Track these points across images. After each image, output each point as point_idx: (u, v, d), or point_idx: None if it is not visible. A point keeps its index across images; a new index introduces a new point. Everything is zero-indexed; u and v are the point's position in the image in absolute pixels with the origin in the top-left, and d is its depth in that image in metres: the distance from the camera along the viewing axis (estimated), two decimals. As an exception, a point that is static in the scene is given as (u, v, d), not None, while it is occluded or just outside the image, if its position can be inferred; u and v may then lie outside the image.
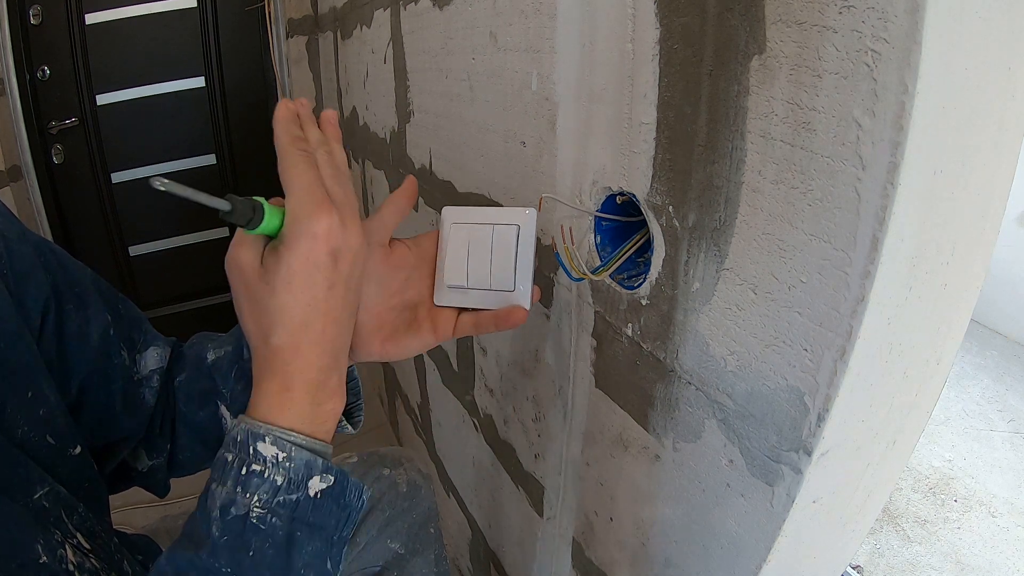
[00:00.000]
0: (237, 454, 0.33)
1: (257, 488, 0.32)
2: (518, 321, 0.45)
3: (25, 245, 0.41)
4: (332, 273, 0.36)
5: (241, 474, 0.32)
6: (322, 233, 0.35)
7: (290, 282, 0.35)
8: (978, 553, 1.40)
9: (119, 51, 1.68)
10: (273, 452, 0.33)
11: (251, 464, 0.32)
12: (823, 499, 0.36)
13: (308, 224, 0.35)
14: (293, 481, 0.33)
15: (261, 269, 0.37)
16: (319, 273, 0.36)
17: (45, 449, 0.38)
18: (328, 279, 0.36)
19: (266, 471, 0.32)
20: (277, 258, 0.36)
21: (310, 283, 0.36)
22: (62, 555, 0.35)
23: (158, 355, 0.50)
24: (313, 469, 0.33)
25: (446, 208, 0.50)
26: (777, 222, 0.32)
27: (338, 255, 0.36)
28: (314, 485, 0.33)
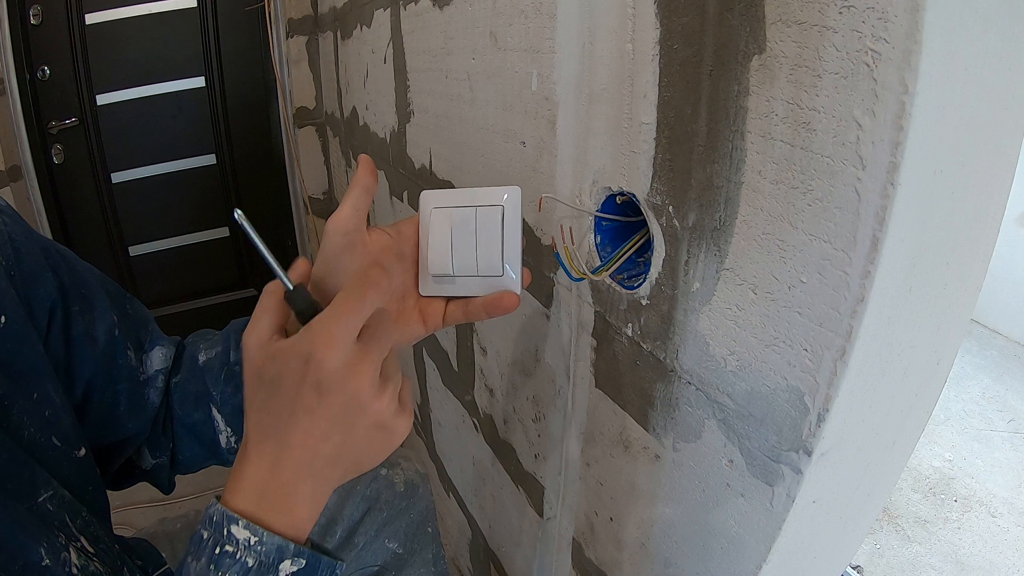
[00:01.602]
0: (212, 533, 0.34)
1: (228, 568, 0.33)
2: (510, 307, 0.44)
3: (33, 247, 0.41)
4: (313, 403, 0.34)
5: (215, 553, 0.33)
6: (315, 360, 0.34)
7: (274, 386, 0.35)
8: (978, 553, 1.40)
9: (119, 51, 1.67)
10: (245, 536, 0.33)
11: (224, 544, 0.33)
12: (823, 499, 0.36)
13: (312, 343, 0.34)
14: (264, 564, 0.33)
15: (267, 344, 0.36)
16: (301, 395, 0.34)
17: (51, 451, 0.38)
18: (308, 406, 0.34)
19: (238, 552, 0.33)
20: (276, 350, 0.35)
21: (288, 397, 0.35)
22: (66, 558, 0.35)
23: (163, 355, 0.50)
24: (284, 553, 0.34)
25: (425, 192, 0.47)
26: (777, 222, 0.32)
27: (323, 390, 0.34)
28: (285, 568, 0.34)
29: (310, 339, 0.34)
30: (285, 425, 0.35)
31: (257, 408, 0.36)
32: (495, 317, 0.45)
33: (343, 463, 0.36)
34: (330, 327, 0.34)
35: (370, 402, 0.35)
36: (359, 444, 0.36)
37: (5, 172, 1.61)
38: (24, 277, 0.39)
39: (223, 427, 0.49)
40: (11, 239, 0.39)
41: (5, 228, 0.39)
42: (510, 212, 0.44)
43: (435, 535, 0.76)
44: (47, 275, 0.41)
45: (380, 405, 0.36)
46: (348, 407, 0.35)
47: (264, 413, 0.36)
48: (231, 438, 0.50)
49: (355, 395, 0.35)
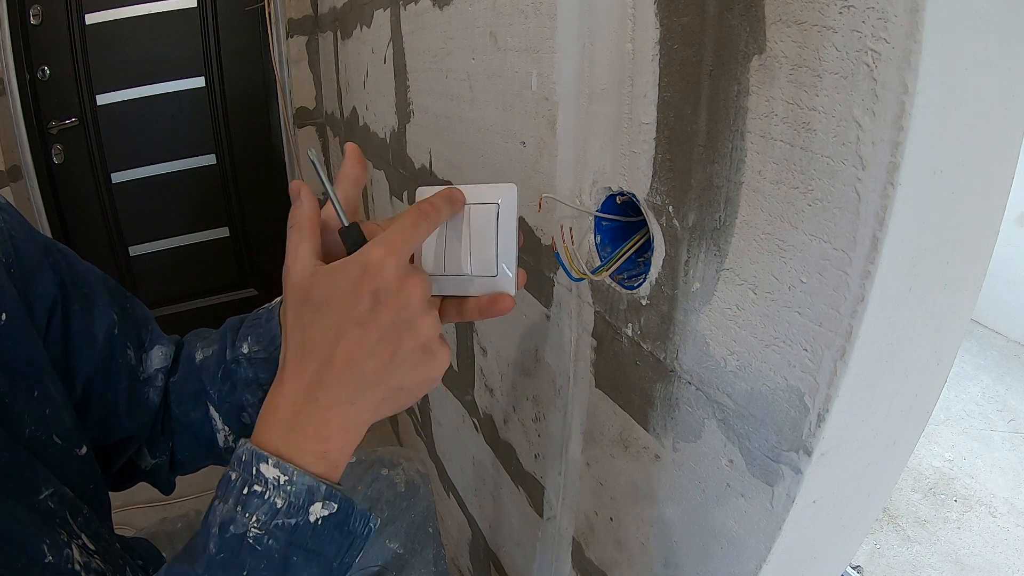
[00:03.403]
0: (240, 473, 0.33)
1: (256, 509, 0.32)
2: (504, 309, 0.42)
3: (33, 245, 0.41)
4: (366, 313, 0.34)
5: (242, 493, 0.32)
6: (373, 266, 0.34)
7: (322, 301, 0.34)
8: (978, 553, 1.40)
9: (119, 51, 1.68)
10: (275, 474, 0.32)
11: (252, 484, 0.32)
12: (823, 499, 0.36)
13: (368, 252, 0.34)
14: (293, 505, 0.32)
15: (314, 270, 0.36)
16: (355, 305, 0.34)
17: (51, 449, 0.38)
18: (360, 315, 0.34)
19: (266, 492, 0.32)
20: (328, 268, 0.35)
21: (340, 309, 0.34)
22: (68, 555, 0.35)
23: (163, 354, 0.50)
24: (315, 495, 0.33)
25: (421, 187, 0.46)
26: (777, 222, 0.32)
27: (380, 298, 0.34)
28: (315, 511, 0.33)
29: (368, 250, 0.34)
30: (332, 338, 0.34)
31: (302, 328, 0.35)
32: (490, 318, 0.44)
33: (384, 386, 0.35)
34: (390, 239, 0.35)
35: (420, 316, 0.35)
36: (403, 363, 0.35)
37: (5, 172, 1.61)
38: (24, 274, 0.39)
39: (220, 426, 0.49)
40: (11, 236, 0.39)
41: (5, 225, 0.39)
42: (505, 210, 0.42)
43: (436, 535, 0.76)
44: (47, 273, 0.41)
45: (429, 321, 0.36)
46: (400, 316, 0.35)
47: (310, 330, 0.35)
48: (228, 437, 0.50)
49: (408, 305, 0.35)
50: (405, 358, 0.35)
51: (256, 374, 0.48)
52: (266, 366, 0.48)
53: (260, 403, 0.48)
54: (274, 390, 0.36)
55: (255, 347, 0.48)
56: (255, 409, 0.49)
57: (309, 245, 0.37)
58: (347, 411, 0.34)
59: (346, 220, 0.39)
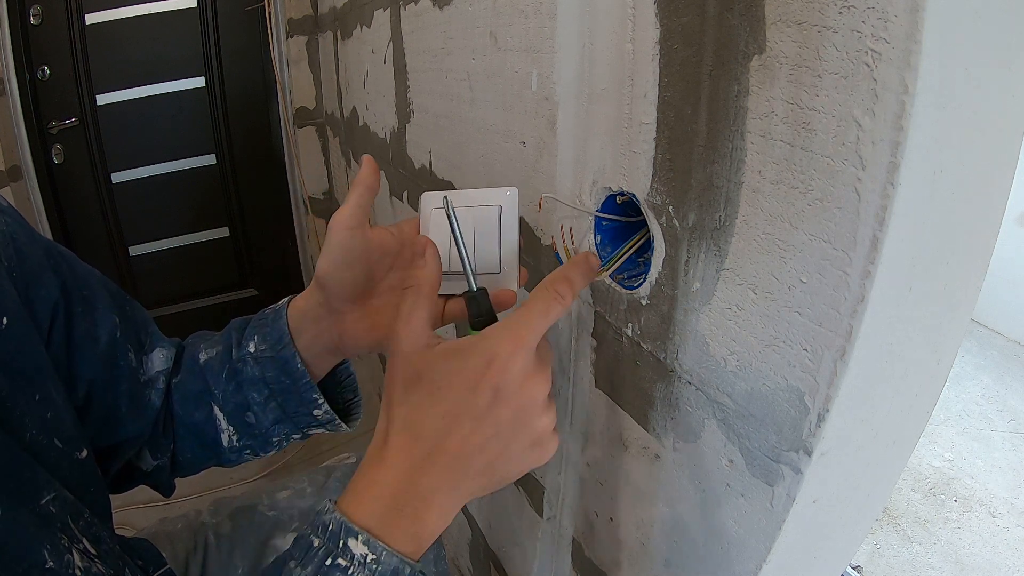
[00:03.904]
0: (325, 543, 0.32)
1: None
2: (506, 303, 0.44)
3: (35, 247, 0.41)
4: (484, 408, 0.33)
5: (325, 564, 0.32)
6: (499, 362, 0.32)
7: (439, 385, 0.33)
8: (978, 553, 1.40)
9: (119, 51, 1.68)
10: (363, 551, 0.31)
11: (337, 557, 0.31)
12: (823, 499, 0.36)
13: (496, 345, 0.33)
14: None
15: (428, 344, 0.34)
16: (474, 398, 0.32)
17: (53, 452, 0.38)
18: (478, 410, 0.33)
19: (351, 568, 0.31)
20: (447, 350, 0.33)
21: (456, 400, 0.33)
22: (69, 560, 0.35)
23: (163, 356, 0.50)
24: (400, 574, 0.32)
25: (425, 193, 0.48)
26: (777, 222, 0.32)
27: (500, 396, 0.33)
28: None
29: (496, 341, 0.33)
30: (444, 427, 0.33)
31: (410, 408, 0.34)
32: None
33: (488, 476, 0.34)
34: (520, 331, 0.33)
35: (539, 416, 0.34)
36: (512, 459, 0.34)
37: (5, 172, 1.61)
38: (26, 278, 0.39)
39: (225, 425, 0.49)
40: (13, 239, 0.39)
41: (7, 228, 0.39)
42: (507, 211, 0.45)
43: (436, 535, 0.75)
44: (49, 276, 0.41)
45: (546, 421, 0.35)
46: (519, 417, 0.33)
47: (421, 412, 0.33)
48: (233, 436, 0.50)
49: (530, 405, 0.33)
50: (515, 454, 0.35)
51: (263, 373, 0.48)
52: (272, 365, 0.48)
53: (265, 401, 0.48)
54: (374, 464, 0.34)
55: (262, 346, 0.48)
56: (260, 408, 0.49)
57: (425, 313, 0.36)
58: (447, 498, 0.34)
59: (476, 284, 0.37)
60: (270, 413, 0.49)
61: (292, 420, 0.50)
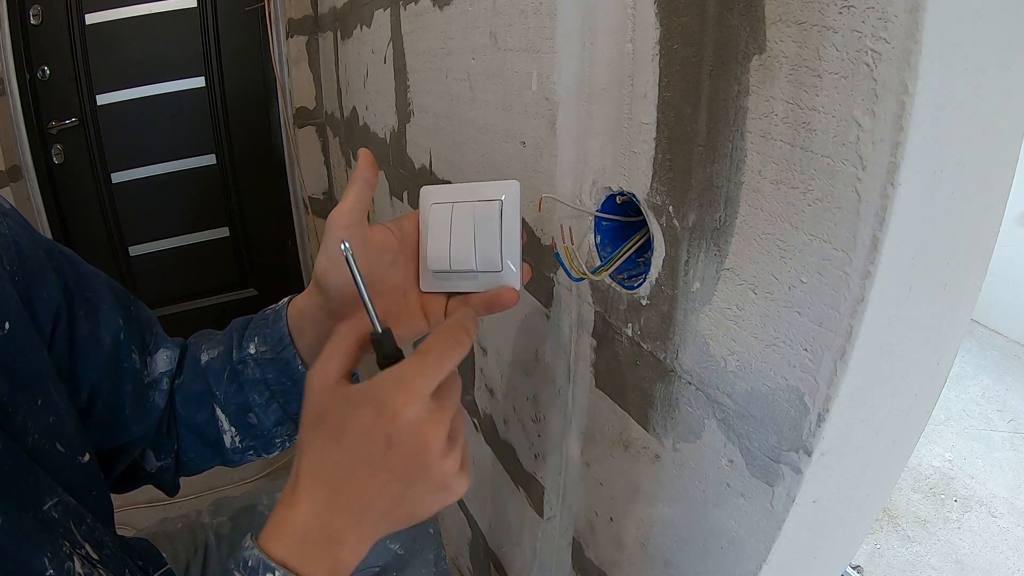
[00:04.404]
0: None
1: None
2: (509, 303, 0.43)
3: (37, 249, 0.40)
4: (379, 456, 0.34)
5: None
6: (389, 412, 0.33)
7: (337, 431, 0.34)
8: (978, 553, 1.40)
9: (119, 51, 1.67)
10: None
11: None
12: (823, 499, 0.36)
13: (386, 395, 0.33)
14: None
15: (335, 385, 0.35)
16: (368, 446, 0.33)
17: (55, 457, 0.38)
18: (372, 457, 0.34)
19: None
20: (345, 395, 0.35)
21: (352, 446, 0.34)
22: (70, 567, 0.34)
23: (167, 357, 0.49)
24: None
25: (424, 188, 0.46)
26: (777, 222, 0.32)
27: (393, 444, 0.33)
28: None
29: (386, 389, 0.33)
30: (343, 474, 0.34)
31: (315, 451, 0.35)
32: (496, 313, 0.44)
33: (395, 517, 0.36)
34: (410, 379, 0.34)
35: (437, 461, 0.35)
36: (415, 500, 0.35)
37: (5, 172, 1.61)
38: (28, 281, 0.39)
39: (227, 427, 0.49)
40: (15, 242, 0.39)
41: (9, 232, 0.39)
42: (509, 207, 0.43)
43: (436, 536, 0.76)
44: (51, 278, 0.41)
45: (446, 465, 0.35)
46: (414, 464, 0.34)
47: (322, 457, 0.35)
48: (235, 437, 0.50)
49: (423, 453, 0.34)
50: (418, 495, 0.35)
51: (263, 374, 0.48)
52: (273, 366, 0.47)
53: (267, 403, 0.48)
54: (287, 503, 0.35)
55: (262, 347, 0.48)
56: (262, 409, 0.49)
57: (340, 359, 0.36)
58: (356, 536, 0.35)
59: (380, 327, 0.37)
60: (272, 414, 0.49)
61: (294, 421, 0.50)
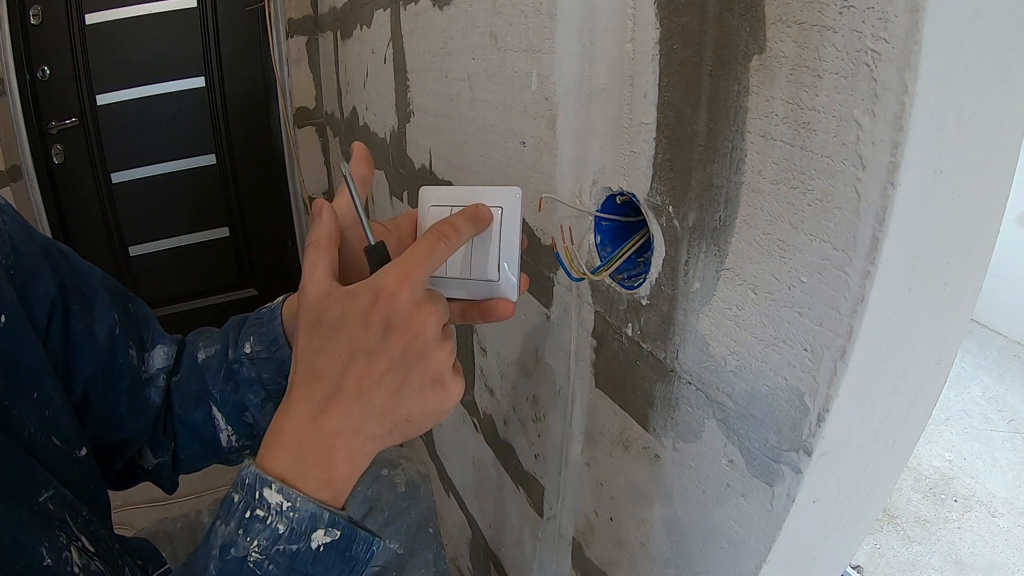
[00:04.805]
0: (243, 496, 0.33)
1: (258, 534, 0.32)
2: (504, 315, 0.42)
3: (32, 246, 0.41)
4: (376, 342, 0.33)
5: (245, 517, 0.32)
6: (386, 294, 0.33)
7: (335, 326, 0.34)
8: (978, 553, 1.40)
9: (119, 51, 1.67)
10: (278, 500, 0.32)
11: (255, 509, 0.32)
12: (823, 499, 0.36)
13: (382, 278, 0.33)
14: (295, 531, 0.32)
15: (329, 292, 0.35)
16: (366, 331, 0.33)
17: (51, 451, 0.38)
18: (370, 343, 0.33)
19: (269, 518, 0.32)
20: (342, 292, 0.34)
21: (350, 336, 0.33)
22: (67, 557, 0.35)
23: (165, 354, 0.49)
24: (318, 522, 0.33)
25: (424, 188, 0.45)
26: (777, 222, 0.32)
27: (391, 327, 0.33)
28: (317, 538, 0.33)
29: (382, 276, 0.34)
30: (341, 365, 0.34)
31: (312, 350, 0.34)
32: (492, 323, 0.44)
33: (391, 417, 0.35)
34: (404, 266, 0.34)
35: (432, 348, 0.35)
36: (412, 395, 0.35)
37: (5, 172, 1.61)
38: (24, 276, 0.39)
39: (223, 426, 0.49)
40: (11, 238, 0.39)
41: (5, 227, 0.39)
42: (509, 214, 0.41)
43: (436, 535, 0.76)
44: (47, 274, 0.41)
45: (441, 355, 0.35)
46: (411, 349, 0.34)
47: (319, 355, 0.34)
48: (231, 436, 0.50)
49: (420, 336, 0.34)
50: (414, 390, 0.35)
51: (259, 374, 0.48)
52: (268, 366, 0.47)
53: (263, 403, 0.48)
54: (281, 413, 0.35)
55: (257, 347, 0.48)
56: (258, 409, 0.49)
57: (325, 265, 0.36)
58: (353, 440, 0.34)
59: (373, 238, 0.38)
60: (268, 414, 0.49)
61: None
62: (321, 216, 0.39)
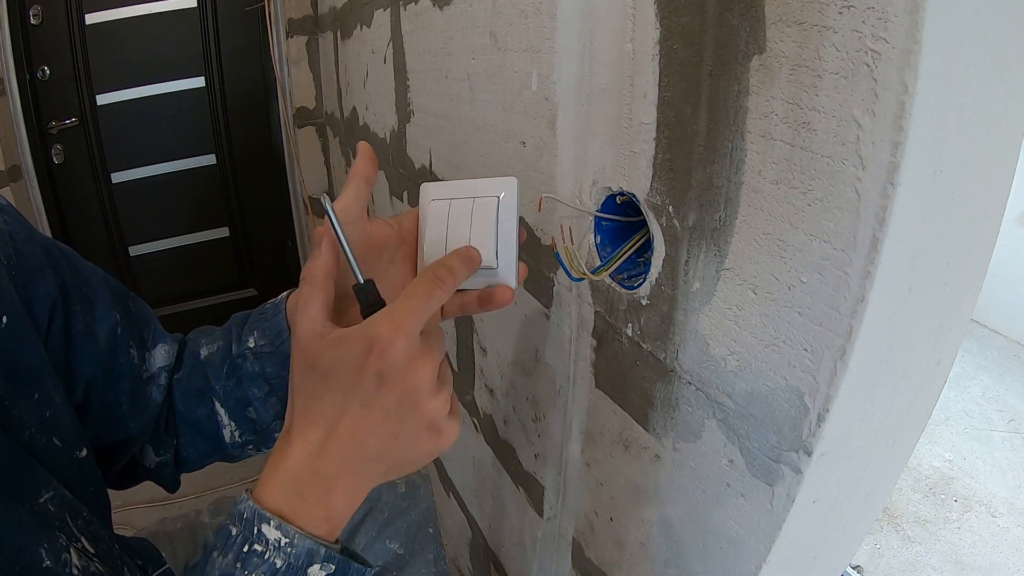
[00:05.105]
0: (241, 530, 0.33)
1: (256, 568, 0.32)
2: (503, 301, 0.42)
3: (33, 245, 0.41)
4: (371, 394, 0.34)
5: (243, 551, 0.32)
6: (379, 346, 0.33)
7: (328, 372, 0.34)
8: (978, 553, 1.40)
9: (119, 51, 1.68)
10: (276, 536, 0.33)
11: (253, 543, 0.32)
12: (823, 499, 0.36)
13: (376, 330, 0.33)
14: (292, 566, 0.33)
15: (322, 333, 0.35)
16: (359, 383, 0.33)
17: (51, 451, 0.38)
18: (364, 395, 0.34)
19: (267, 552, 0.32)
20: (335, 338, 0.34)
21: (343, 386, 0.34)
22: (67, 559, 0.35)
23: (166, 352, 0.49)
24: (315, 557, 0.33)
25: (424, 184, 0.46)
26: (777, 222, 0.32)
27: (384, 380, 0.33)
28: (313, 572, 0.33)
29: (376, 326, 0.34)
30: (335, 414, 0.34)
31: (306, 395, 0.35)
32: (491, 311, 0.44)
33: (387, 461, 0.35)
34: (399, 316, 0.34)
35: (427, 399, 0.35)
36: (407, 443, 0.35)
37: (5, 172, 1.61)
38: (25, 276, 0.39)
39: (227, 422, 0.49)
40: (12, 238, 0.39)
41: (6, 227, 0.39)
42: (506, 204, 0.43)
43: (436, 536, 0.76)
44: (48, 273, 0.41)
45: (436, 404, 0.35)
46: (405, 401, 0.34)
47: (313, 400, 0.34)
48: (235, 432, 0.50)
49: (414, 389, 0.34)
50: (409, 438, 0.35)
51: (262, 368, 0.48)
52: (272, 360, 0.48)
53: (266, 397, 0.48)
54: (280, 450, 0.35)
55: (261, 341, 0.48)
56: (261, 403, 0.49)
57: (319, 303, 0.36)
58: (350, 481, 0.35)
59: (362, 277, 0.38)
60: (271, 408, 0.49)
61: None
62: (320, 248, 0.39)
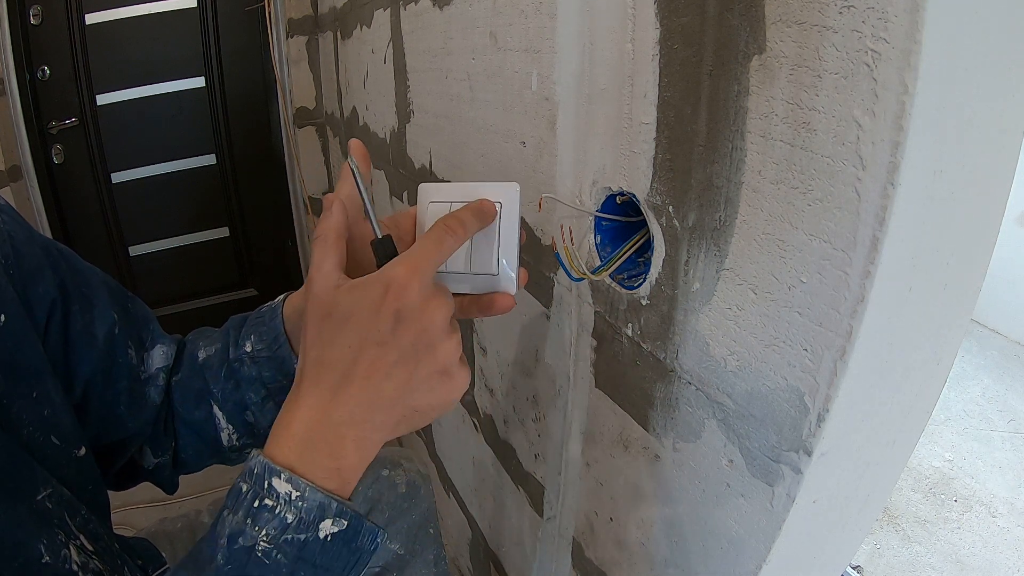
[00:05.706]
0: (251, 485, 0.33)
1: (267, 523, 0.32)
2: (503, 308, 0.43)
3: (33, 246, 0.41)
4: (387, 333, 0.34)
5: (253, 506, 0.32)
6: (396, 286, 0.33)
7: (344, 318, 0.34)
8: (978, 553, 1.40)
9: (119, 51, 1.67)
10: (287, 489, 0.32)
11: (264, 498, 0.32)
12: (823, 499, 0.36)
13: (392, 271, 0.34)
14: (304, 521, 0.32)
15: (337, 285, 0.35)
16: (375, 324, 0.33)
17: (50, 450, 0.38)
18: (380, 335, 0.34)
19: (277, 507, 0.32)
20: (351, 285, 0.35)
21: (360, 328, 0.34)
22: (66, 555, 0.35)
23: (164, 353, 0.50)
24: (326, 511, 0.33)
25: (423, 185, 0.46)
26: (777, 222, 0.32)
27: (401, 319, 0.34)
28: (325, 527, 0.33)
29: (393, 269, 0.34)
30: (351, 356, 0.34)
31: (322, 342, 0.35)
32: (490, 316, 0.44)
33: (400, 408, 0.35)
34: (413, 259, 0.35)
35: (441, 340, 0.35)
36: (421, 387, 0.35)
37: (5, 172, 1.61)
38: (23, 276, 0.39)
39: (224, 424, 0.49)
40: (11, 238, 0.39)
41: (5, 227, 0.39)
42: (507, 209, 0.42)
43: (436, 536, 0.76)
44: (47, 273, 0.41)
45: (449, 346, 0.36)
46: (420, 341, 0.34)
47: (329, 346, 0.34)
48: (232, 435, 0.50)
49: (429, 329, 0.34)
50: (423, 381, 0.35)
51: (259, 372, 0.48)
52: (269, 364, 0.48)
53: (263, 401, 0.48)
54: (289, 403, 0.35)
55: (258, 345, 0.48)
56: (258, 407, 0.49)
57: (334, 259, 0.37)
58: (362, 430, 0.34)
59: (380, 232, 0.38)
60: (269, 413, 0.49)
61: None
62: (331, 210, 0.39)
